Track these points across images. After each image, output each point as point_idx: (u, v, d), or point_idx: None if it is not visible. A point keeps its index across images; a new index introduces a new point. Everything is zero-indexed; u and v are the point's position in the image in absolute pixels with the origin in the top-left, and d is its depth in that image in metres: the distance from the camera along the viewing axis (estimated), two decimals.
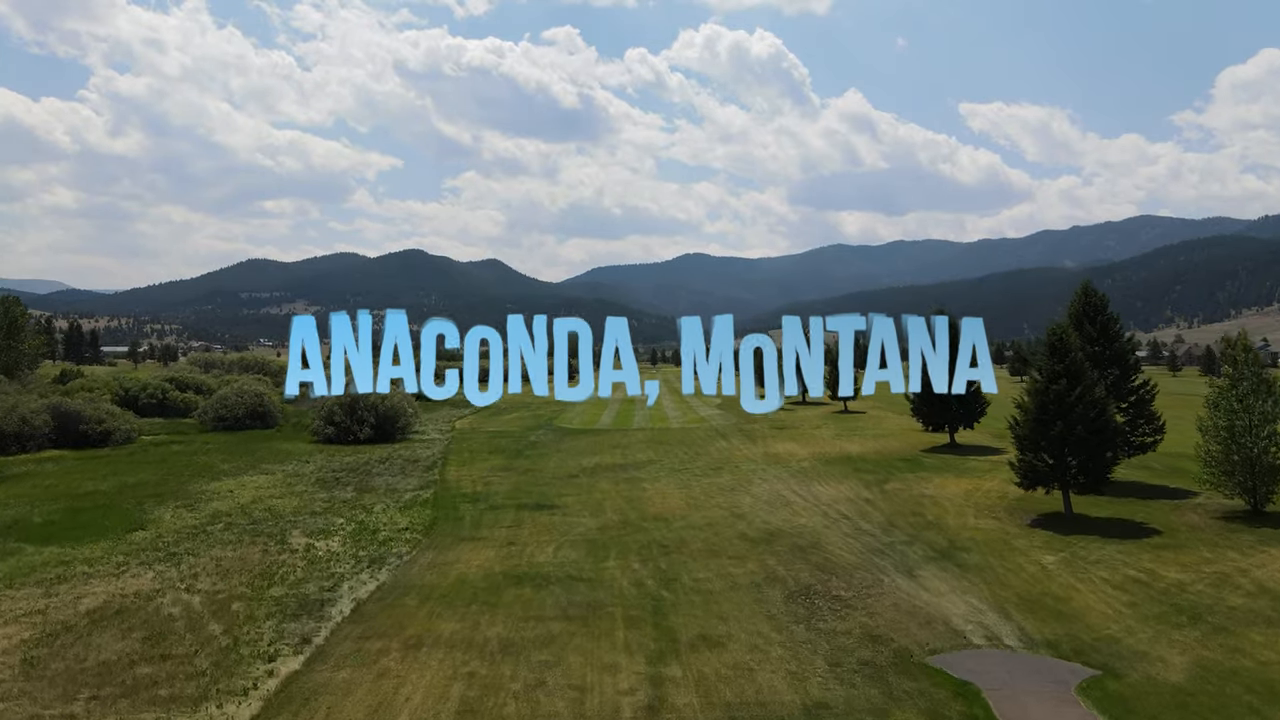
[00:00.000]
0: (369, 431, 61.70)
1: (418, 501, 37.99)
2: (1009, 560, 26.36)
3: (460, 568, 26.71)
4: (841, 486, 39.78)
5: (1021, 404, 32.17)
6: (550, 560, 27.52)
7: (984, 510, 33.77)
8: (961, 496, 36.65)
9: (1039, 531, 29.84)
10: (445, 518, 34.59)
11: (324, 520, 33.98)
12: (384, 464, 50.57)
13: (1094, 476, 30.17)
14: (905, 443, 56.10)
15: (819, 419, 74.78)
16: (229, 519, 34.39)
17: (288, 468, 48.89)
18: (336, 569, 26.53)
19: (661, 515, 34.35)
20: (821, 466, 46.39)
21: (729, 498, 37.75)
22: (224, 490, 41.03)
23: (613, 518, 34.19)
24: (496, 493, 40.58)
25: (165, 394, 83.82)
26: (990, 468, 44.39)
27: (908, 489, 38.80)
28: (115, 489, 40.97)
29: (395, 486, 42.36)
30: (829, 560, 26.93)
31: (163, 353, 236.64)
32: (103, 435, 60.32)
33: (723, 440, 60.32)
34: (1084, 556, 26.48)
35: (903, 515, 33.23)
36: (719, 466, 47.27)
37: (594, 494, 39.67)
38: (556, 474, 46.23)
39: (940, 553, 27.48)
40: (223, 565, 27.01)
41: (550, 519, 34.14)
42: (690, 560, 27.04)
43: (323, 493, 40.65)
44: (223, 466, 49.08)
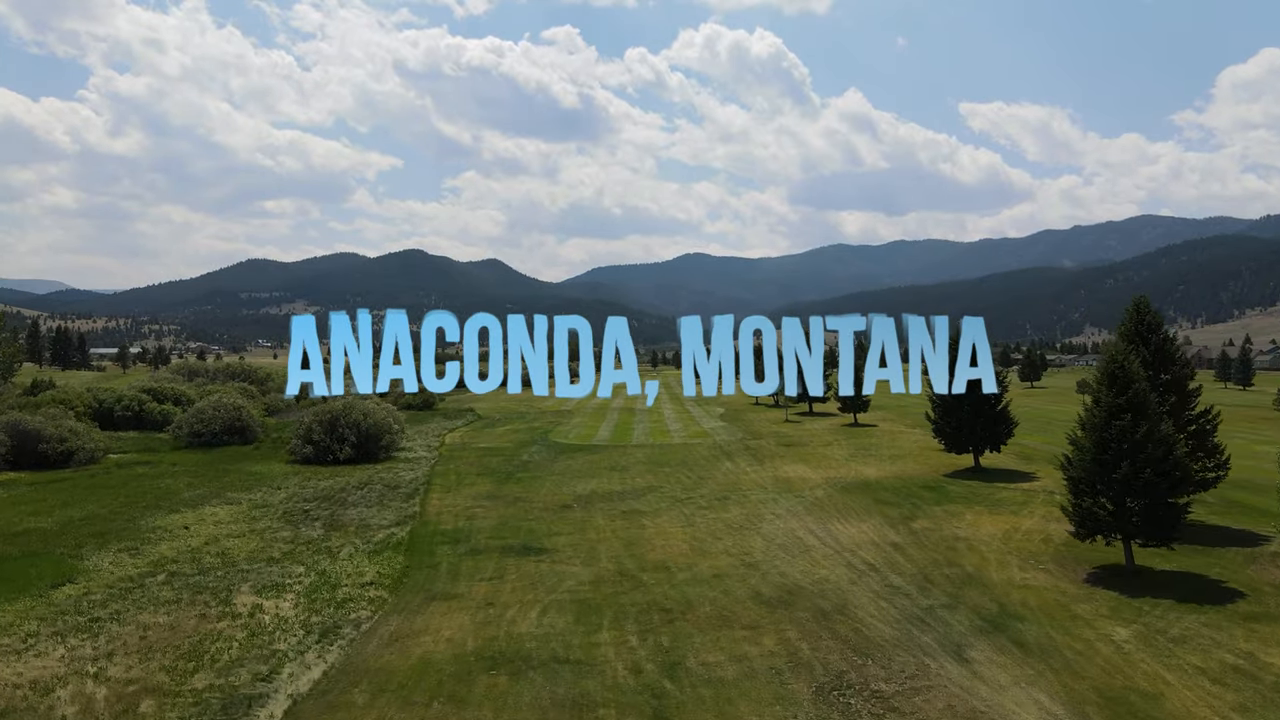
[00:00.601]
0: (349, 451, 57.61)
1: (390, 543, 33.94)
2: (1075, 634, 22.32)
3: (427, 642, 22.68)
4: (864, 525, 35.72)
5: (1076, 440, 28.12)
6: (533, 630, 23.49)
7: (1029, 559, 29.73)
8: (999, 539, 32.61)
9: (1099, 591, 25.80)
10: (418, 566, 30.54)
11: (280, 570, 29.94)
12: (362, 490, 46.53)
13: (1164, 527, 26.10)
14: (925, 465, 52.06)
15: (829, 434, 70.73)
16: (174, 567, 30.37)
17: (255, 495, 44.85)
18: (280, 644, 22.48)
19: (663, 563, 30.31)
20: (838, 496, 42.34)
21: (738, 539, 33.72)
22: (178, 527, 37.00)
23: (608, 566, 30.15)
24: (480, 530, 36.56)
25: (142, 406, 79.85)
26: (1024, 499, 40.37)
27: (937, 528, 34.76)
28: (58, 526, 36.93)
29: (369, 521, 38.31)
30: (860, 632, 22.89)
31: (155, 356, 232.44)
32: (64, 456, 56.28)
33: (728, 461, 56.27)
34: (1163, 631, 22.44)
35: (937, 566, 29.17)
36: (725, 495, 43.22)
37: (587, 532, 35.64)
38: (548, 504, 42.20)
39: (990, 622, 23.44)
40: (148, 638, 22.97)
41: (537, 568, 30.11)
42: (697, 633, 23.00)
43: (287, 529, 36.62)
44: (185, 494, 45.05)
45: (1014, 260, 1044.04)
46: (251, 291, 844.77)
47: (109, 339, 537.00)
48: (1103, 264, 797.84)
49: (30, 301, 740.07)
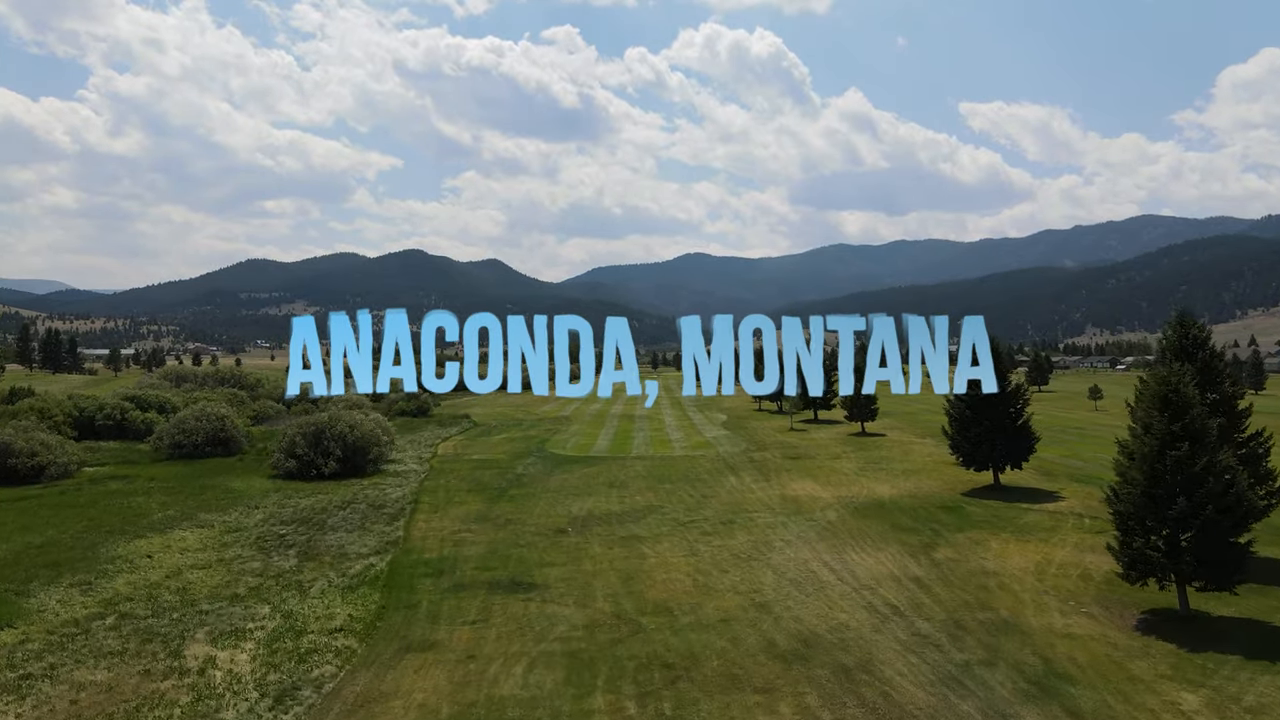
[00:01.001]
0: (335, 465, 54.82)
1: (368, 577, 31.17)
2: (1136, 703, 19.54)
3: (395, 709, 19.92)
4: (881, 555, 32.95)
5: (1122, 470, 25.33)
6: (517, 692, 20.73)
7: (1068, 599, 26.97)
8: (1033, 574, 29.85)
9: (1155, 643, 23.01)
10: (396, 605, 27.78)
11: (243, 611, 27.19)
12: (344, 511, 43.77)
13: (1226, 570, 23.34)
14: (941, 482, 49.28)
15: (836, 445, 67.95)
16: (128, 606, 27.63)
17: (230, 516, 42.09)
18: (225, 713, 19.72)
19: (664, 604, 27.55)
20: (851, 519, 39.57)
21: (746, 573, 30.95)
22: (141, 555, 34.27)
23: (604, 607, 27.39)
24: (466, 559, 33.82)
25: (124, 414, 77.12)
26: (1052, 524, 37.61)
27: (963, 559, 32.00)
28: (12, 555, 34.20)
29: (347, 549, 35.54)
30: (890, 697, 20.12)
31: (149, 358, 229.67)
32: (35, 470, 53.64)
33: (732, 476, 53.50)
34: (1235, 697, 19.66)
35: (968, 609, 26.40)
36: (730, 518, 40.45)
37: (583, 563, 32.88)
38: (541, 527, 39.45)
39: (1036, 684, 20.66)
40: (79, 703, 20.22)
41: (526, 609, 27.34)
42: (703, 697, 20.22)
43: (258, 559, 33.88)
44: (155, 515, 42.32)
45: (1015, 260, 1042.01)
46: (251, 292, 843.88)
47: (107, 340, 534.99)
48: (1104, 264, 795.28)
49: (30, 302, 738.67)
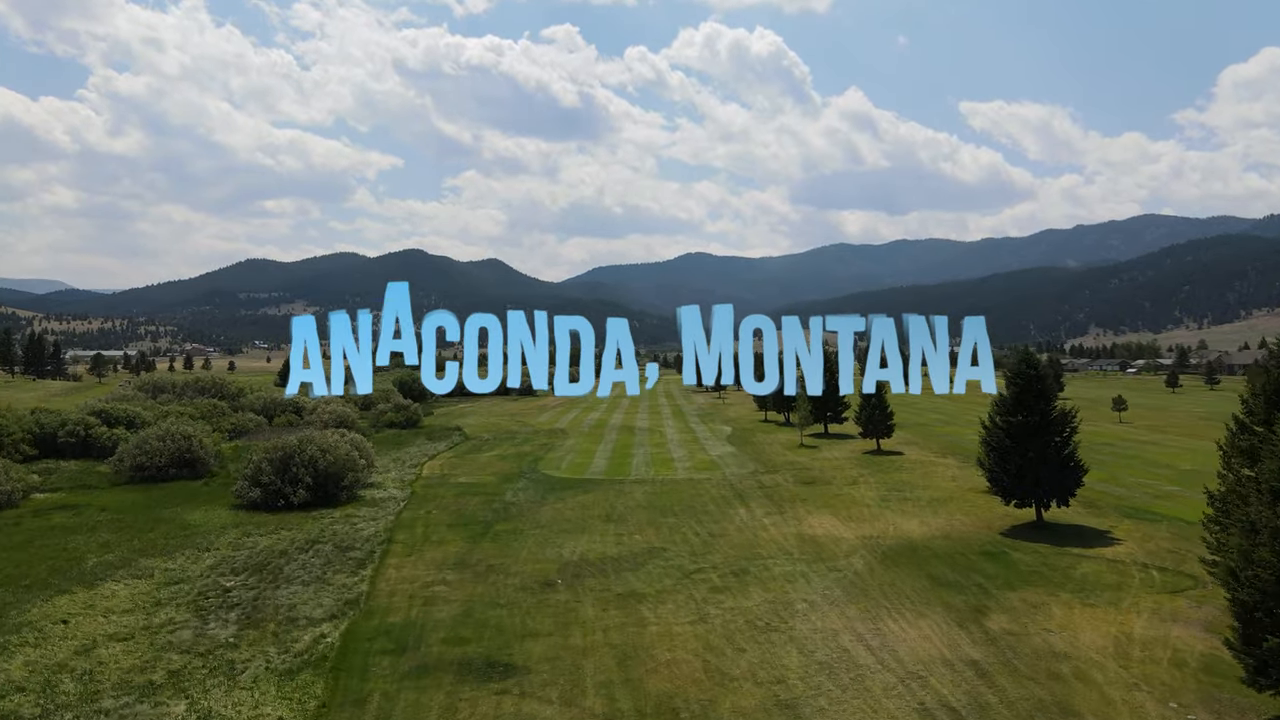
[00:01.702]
0: (304, 494, 49.71)
1: (314, 655, 26.09)
2: None
3: None
4: (925, 625, 27.88)
5: (1245, 552, 20.25)
6: None
7: (1167, 696, 21.93)
8: (1113, 656, 24.80)
9: None
10: (339, 704, 22.70)
11: (152, 709, 22.16)
12: (306, 553, 38.73)
13: None
14: (975, 517, 44.23)
15: (851, 466, 62.86)
16: (12, 703, 22.60)
17: (175, 563, 37.04)
18: None
19: (668, 700, 22.50)
20: (881, 569, 34.54)
21: (766, 651, 25.89)
22: (57, 620, 29.25)
23: (594, 706, 22.34)
24: (437, 625, 28.80)
25: (89, 431, 72.15)
26: (1116, 578, 32.57)
27: (1024, 633, 26.94)
28: None
29: (299, 610, 30.49)
30: None
31: (138, 361, 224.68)
32: None
33: (742, 506, 48.46)
34: None
35: (1046, 712, 21.35)
36: (743, 567, 35.40)
37: (572, 633, 27.83)
38: (527, 577, 34.44)
39: None
40: None
41: (498, 707, 22.30)
42: None
43: (191, 624, 28.85)
44: (91, 561, 37.28)
45: (1016, 260, 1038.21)
46: (251, 292, 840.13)
47: (105, 340, 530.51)
48: (1107, 264, 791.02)
49: (30, 302, 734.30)
